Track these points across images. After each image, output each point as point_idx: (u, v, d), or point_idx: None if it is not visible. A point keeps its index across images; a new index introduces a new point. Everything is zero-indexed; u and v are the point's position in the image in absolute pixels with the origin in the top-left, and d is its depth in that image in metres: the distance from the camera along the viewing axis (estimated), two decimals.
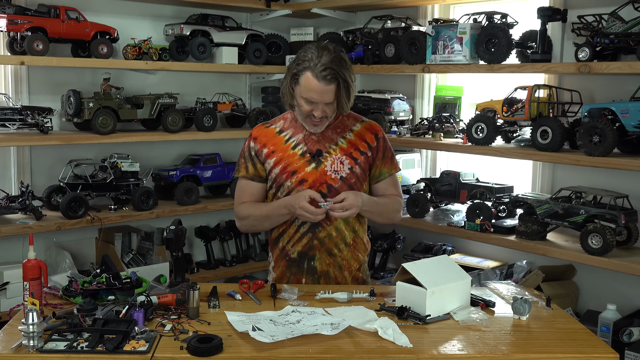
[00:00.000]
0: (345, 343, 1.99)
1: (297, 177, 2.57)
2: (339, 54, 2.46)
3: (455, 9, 4.13)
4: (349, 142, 2.62)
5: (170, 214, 3.97)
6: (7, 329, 2.07)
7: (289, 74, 2.51)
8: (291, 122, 2.66)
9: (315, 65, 2.41)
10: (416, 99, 4.29)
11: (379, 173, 2.68)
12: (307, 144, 2.60)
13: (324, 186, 2.56)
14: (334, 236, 2.59)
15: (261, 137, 2.65)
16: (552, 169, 3.62)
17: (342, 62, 2.45)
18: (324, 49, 2.45)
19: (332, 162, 2.58)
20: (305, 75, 2.44)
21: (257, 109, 4.37)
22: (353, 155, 2.61)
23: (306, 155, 2.58)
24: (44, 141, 3.55)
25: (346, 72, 2.45)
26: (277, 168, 2.60)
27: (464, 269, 2.43)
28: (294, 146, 2.61)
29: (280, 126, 2.67)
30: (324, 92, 2.44)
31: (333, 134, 2.62)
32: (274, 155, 2.61)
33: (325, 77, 2.40)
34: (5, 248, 3.67)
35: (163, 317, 2.15)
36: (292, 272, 2.63)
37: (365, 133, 2.66)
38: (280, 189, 2.60)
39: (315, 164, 2.58)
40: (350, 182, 2.59)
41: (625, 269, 2.97)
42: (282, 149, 2.61)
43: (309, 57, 2.43)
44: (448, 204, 3.91)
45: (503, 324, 2.20)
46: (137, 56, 3.86)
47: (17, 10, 3.45)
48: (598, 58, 3.08)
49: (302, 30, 4.64)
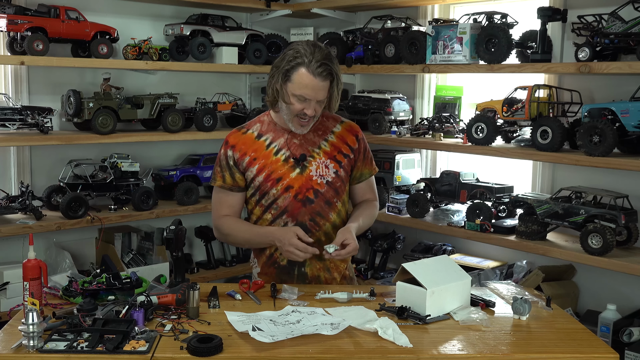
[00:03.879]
0: (345, 343, 1.99)
1: (282, 184, 2.51)
2: (329, 50, 2.44)
3: (455, 9, 4.13)
4: (332, 144, 2.58)
5: (170, 214, 3.97)
6: (7, 329, 2.07)
7: (279, 72, 2.42)
8: (269, 125, 2.58)
9: (310, 62, 2.36)
10: (416, 99, 4.29)
11: (359, 174, 2.66)
12: (289, 148, 2.54)
13: (310, 192, 2.52)
14: (323, 241, 2.52)
15: (239, 144, 2.56)
16: (552, 169, 3.62)
17: (333, 59, 2.43)
18: (314, 45, 2.41)
19: (317, 167, 2.53)
20: (299, 72, 2.38)
21: (257, 109, 4.38)
22: (337, 158, 2.57)
23: (290, 161, 2.52)
24: (44, 141, 3.55)
25: (337, 69, 2.44)
26: (261, 176, 2.52)
27: (464, 269, 2.43)
28: (276, 151, 2.53)
29: (258, 130, 2.58)
30: (318, 89, 2.39)
31: (315, 137, 2.57)
32: (256, 162, 2.52)
33: (321, 73, 2.37)
34: (5, 248, 3.67)
35: (163, 317, 2.15)
36: (281, 280, 2.58)
37: (347, 135, 2.62)
38: (265, 196, 2.54)
39: (300, 169, 2.52)
40: (335, 186, 2.56)
41: (625, 269, 2.97)
42: (264, 155, 2.53)
43: (302, 53, 2.37)
44: (448, 204, 3.91)
45: (503, 324, 2.20)
46: (137, 56, 3.86)
47: (17, 10, 3.46)
48: (598, 58, 3.08)
49: (302, 30, 4.64)
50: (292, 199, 2.51)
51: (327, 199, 2.54)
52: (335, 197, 2.56)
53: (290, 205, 2.52)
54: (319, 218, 2.54)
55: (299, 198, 2.51)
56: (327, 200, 2.54)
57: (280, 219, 2.54)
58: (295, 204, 2.51)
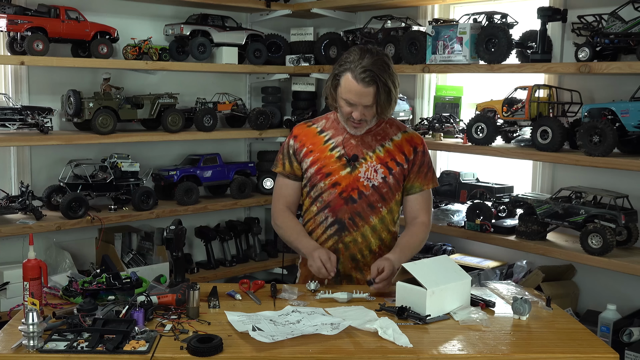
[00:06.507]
0: (345, 343, 1.99)
1: (330, 180, 2.61)
2: (382, 57, 2.46)
3: (455, 9, 4.13)
4: (387, 151, 2.63)
5: (170, 214, 3.97)
6: (7, 329, 2.07)
7: (331, 75, 2.54)
8: (333, 122, 2.69)
9: (356, 67, 2.42)
10: (416, 99, 4.29)
11: (410, 186, 2.68)
12: (345, 147, 2.63)
13: (355, 192, 2.59)
14: (359, 242, 2.62)
15: (301, 135, 2.69)
16: (552, 169, 3.62)
17: (384, 66, 2.44)
18: (367, 51, 2.46)
19: (366, 169, 2.60)
20: (345, 77, 2.46)
21: (257, 109, 4.38)
22: (388, 165, 2.62)
23: (342, 159, 2.61)
24: (44, 141, 3.55)
25: (387, 76, 2.44)
26: (313, 168, 2.64)
27: (464, 269, 2.43)
28: (332, 148, 2.64)
29: (322, 126, 2.70)
30: (362, 94, 2.44)
31: (372, 141, 2.63)
32: (312, 154, 2.65)
33: (363, 79, 2.41)
34: (5, 248, 3.67)
35: (163, 317, 2.15)
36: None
37: (405, 144, 2.65)
38: (314, 188, 2.65)
39: (350, 168, 2.60)
40: (381, 192, 2.61)
41: (625, 269, 2.97)
42: (320, 150, 2.64)
43: (351, 59, 2.45)
44: (448, 204, 3.91)
45: (503, 324, 2.20)
46: (137, 56, 3.86)
47: (17, 10, 3.45)
48: (598, 58, 3.08)
49: (302, 30, 4.64)
50: (337, 195, 2.61)
51: (370, 202, 2.60)
52: (380, 202, 2.61)
53: (334, 201, 2.61)
54: (358, 219, 2.60)
55: (344, 196, 2.60)
56: (371, 203, 2.59)
57: (323, 213, 2.64)
58: (338, 200, 2.60)
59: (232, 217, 4.65)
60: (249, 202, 4.39)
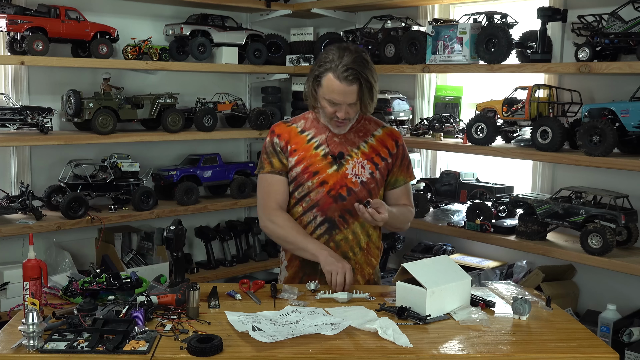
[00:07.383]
0: (345, 343, 1.99)
1: (318, 178, 2.59)
2: (360, 54, 2.46)
3: (455, 9, 4.13)
4: (371, 146, 2.64)
5: (170, 214, 3.97)
6: (7, 329, 2.07)
7: (311, 76, 2.52)
8: (312, 122, 2.67)
9: (337, 66, 2.41)
10: (416, 99, 4.29)
11: (394, 180, 2.69)
12: (329, 145, 2.61)
13: (344, 189, 2.58)
14: (350, 239, 2.61)
15: (284, 134, 2.64)
16: (552, 169, 3.62)
17: (364, 62, 2.45)
18: (345, 49, 2.45)
19: (353, 166, 2.59)
20: (327, 77, 2.44)
21: (257, 109, 4.37)
22: (374, 160, 2.63)
23: (328, 157, 2.60)
24: (44, 141, 3.54)
25: (368, 72, 2.45)
26: (299, 167, 2.60)
27: (464, 269, 2.43)
28: (316, 146, 2.61)
29: (302, 126, 2.67)
30: (346, 93, 2.43)
31: (355, 137, 2.63)
32: (296, 153, 2.61)
33: (347, 77, 2.40)
34: (5, 248, 3.67)
35: (163, 317, 2.15)
36: (305, 273, 2.63)
37: (386, 139, 2.67)
38: (300, 188, 2.61)
39: (337, 166, 2.59)
40: (369, 187, 2.61)
41: (625, 269, 2.97)
42: (305, 148, 2.61)
43: (330, 59, 2.44)
44: (448, 204, 3.91)
45: (503, 324, 2.20)
46: (137, 56, 3.86)
47: (17, 10, 3.45)
48: (598, 58, 3.08)
49: (302, 30, 4.64)
50: (325, 194, 2.58)
51: (359, 199, 2.58)
52: (367, 198, 2.59)
53: (322, 199, 2.58)
54: (348, 216, 2.59)
55: (332, 194, 2.58)
56: (360, 200, 2.58)
57: (310, 212, 2.60)
58: (327, 199, 2.58)
59: (232, 217, 4.65)
60: (249, 202, 4.39)
